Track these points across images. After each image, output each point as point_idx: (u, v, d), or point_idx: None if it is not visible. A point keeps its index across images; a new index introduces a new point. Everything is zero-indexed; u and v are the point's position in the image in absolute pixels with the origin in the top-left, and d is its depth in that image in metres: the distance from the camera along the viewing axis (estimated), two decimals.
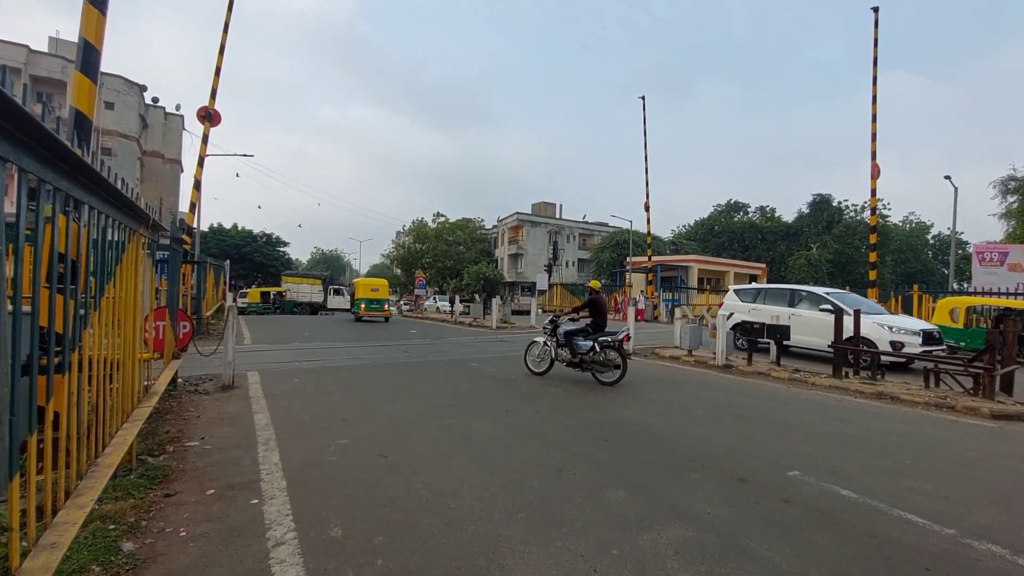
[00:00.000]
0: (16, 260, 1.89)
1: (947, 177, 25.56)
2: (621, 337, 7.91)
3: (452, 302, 27.66)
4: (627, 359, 8.02)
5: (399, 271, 53.55)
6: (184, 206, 30.37)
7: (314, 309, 32.08)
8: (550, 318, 8.86)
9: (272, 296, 32.39)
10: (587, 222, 59.45)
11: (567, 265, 52.60)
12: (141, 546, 2.78)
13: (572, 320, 8.76)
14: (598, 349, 7.86)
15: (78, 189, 2.40)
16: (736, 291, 13.61)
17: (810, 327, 10.88)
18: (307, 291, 32.77)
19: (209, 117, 15.17)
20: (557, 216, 57.99)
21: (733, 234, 51.40)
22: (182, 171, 41.90)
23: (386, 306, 23.62)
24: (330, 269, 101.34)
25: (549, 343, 8.59)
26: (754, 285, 14.48)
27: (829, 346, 9.04)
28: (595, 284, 9.02)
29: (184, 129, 40.62)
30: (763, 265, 39.96)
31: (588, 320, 8.38)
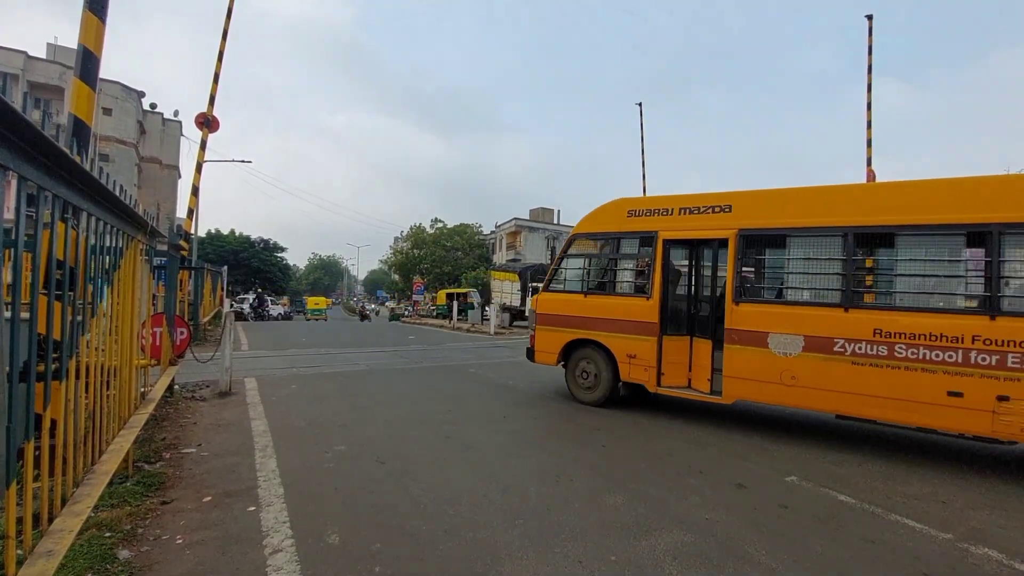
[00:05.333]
0: (15, 267, 1.89)
1: None
2: None
3: (450, 308, 27.59)
4: None
5: (397, 277, 53.53)
6: (182, 212, 30.35)
7: (516, 314, 24.08)
8: None
9: (455, 297, 28.74)
10: None
11: None
12: (137, 554, 2.76)
13: None
14: None
15: (77, 196, 2.41)
16: None
17: None
18: (508, 289, 27.81)
19: (207, 123, 15.19)
20: (555, 222, 58.14)
21: None
22: (180, 177, 41.89)
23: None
24: (328, 275, 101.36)
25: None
26: None
27: None
28: None
29: (182, 135, 40.64)
30: None
31: None
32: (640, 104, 24.08)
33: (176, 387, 6.92)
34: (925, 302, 4.92)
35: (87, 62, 4.69)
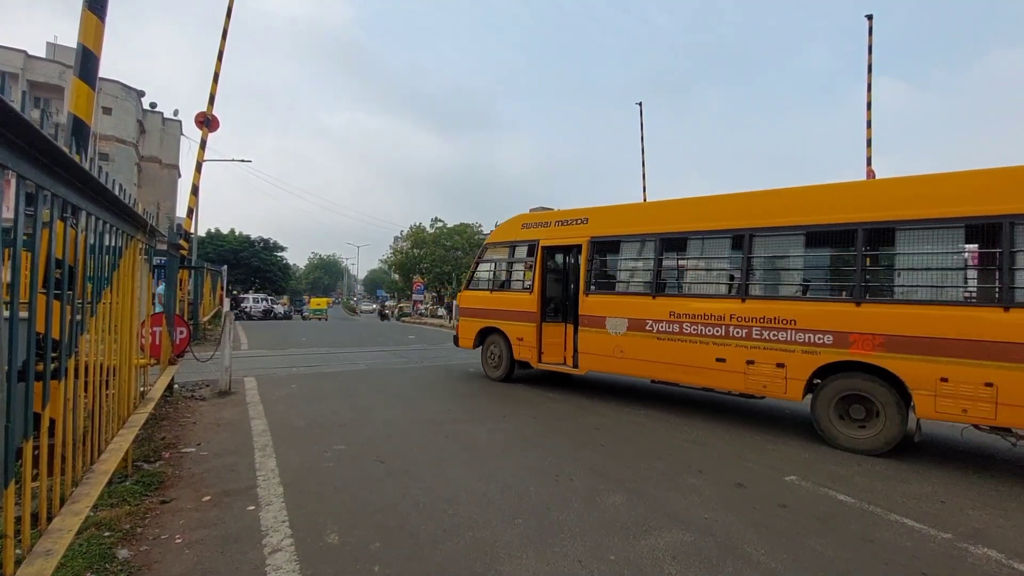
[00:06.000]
0: (14, 266, 1.89)
1: None
2: None
3: (450, 308, 27.60)
4: None
5: (396, 276, 53.48)
6: (182, 211, 30.33)
7: None
8: None
9: None
10: None
11: None
12: (136, 553, 2.76)
13: None
14: None
15: (76, 195, 2.41)
16: None
17: None
18: None
19: (207, 123, 15.17)
20: None
21: None
22: (180, 176, 41.88)
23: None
24: (328, 275, 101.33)
25: None
26: None
27: None
28: None
29: (182, 134, 40.62)
30: None
31: None
32: (640, 104, 24.09)
33: (176, 386, 6.92)
34: (701, 290, 6.50)
35: (87, 61, 4.69)
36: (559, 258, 8.33)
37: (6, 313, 1.84)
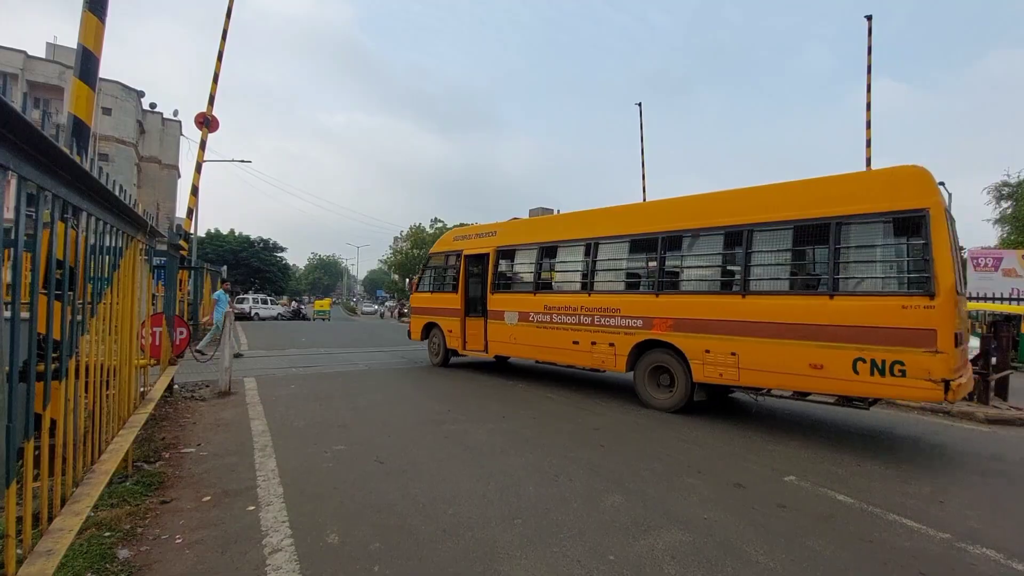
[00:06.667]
0: (15, 266, 1.89)
1: (941, 183, 25.72)
2: None
3: None
4: None
5: (396, 277, 53.49)
6: (181, 212, 30.34)
7: None
8: None
9: None
10: None
11: None
12: (137, 553, 2.77)
13: None
14: None
15: (77, 196, 2.41)
16: None
17: None
18: None
19: (207, 123, 15.17)
20: None
21: None
22: (179, 177, 41.86)
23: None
24: (327, 275, 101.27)
25: None
26: None
27: None
28: None
29: (182, 135, 40.61)
30: None
31: None
32: (640, 104, 24.11)
33: (175, 387, 6.92)
34: (564, 288, 7.97)
35: (87, 62, 4.69)
36: (477, 265, 9.74)
37: (7, 314, 1.85)
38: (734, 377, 5.77)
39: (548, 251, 8.23)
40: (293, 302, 40.71)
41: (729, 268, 6.13)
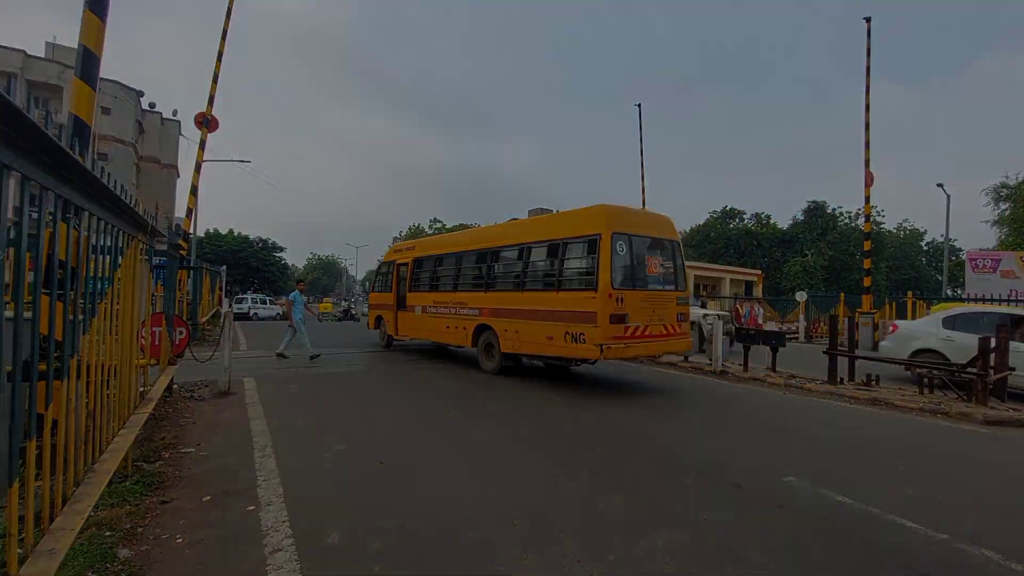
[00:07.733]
0: (17, 266, 1.90)
1: (939, 185, 25.80)
2: None
3: None
4: None
5: None
6: (181, 211, 30.33)
7: None
8: None
9: None
10: None
11: None
12: (137, 553, 2.77)
13: None
14: None
15: (78, 196, 2.41)
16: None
17: None
18: None
19: (207, 123, 15.17)
20: None
21: (729, 240, 51.56)
22: (178, 176, 41.81)
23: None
24: (326, 275, 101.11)
25: None
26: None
27: None
28: None
29: (181, 135, 40.53)
30: (759, 272, 40.06)
31: None
32: (639, 105, 24.13)
33: (175, 387, 6.91)
34: (444, 287, 10.78)
35: (88, 62, 4.70)
36: (404, 271, 12.52)
37: (9, 313, 1.85)
38: (518, 348, 8.47)
39: (439, 260, 11.26)
40: (343, 301, 42.47)
41: (514, 272, 8.93)
